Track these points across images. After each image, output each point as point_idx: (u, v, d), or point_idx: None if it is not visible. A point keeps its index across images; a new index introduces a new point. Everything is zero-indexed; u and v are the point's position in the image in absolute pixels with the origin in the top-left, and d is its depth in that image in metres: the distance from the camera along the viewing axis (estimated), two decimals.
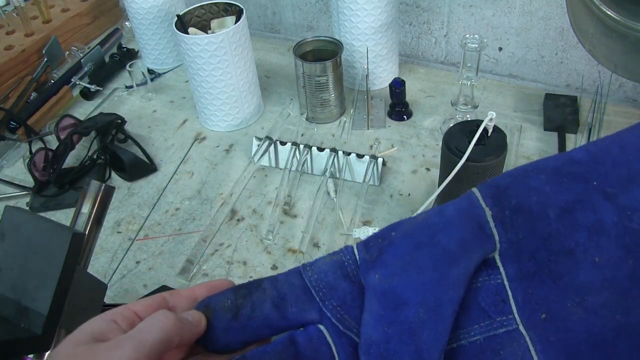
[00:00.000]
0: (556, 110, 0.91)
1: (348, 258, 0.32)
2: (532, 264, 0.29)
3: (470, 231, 0.30)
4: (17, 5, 1.09)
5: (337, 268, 0.32)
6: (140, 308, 0.33)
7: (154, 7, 1.04)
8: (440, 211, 0.31)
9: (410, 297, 0.30)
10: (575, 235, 0.29)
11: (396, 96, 0.92)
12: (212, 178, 0.88)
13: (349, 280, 0.32)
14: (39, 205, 0.85)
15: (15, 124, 0.97)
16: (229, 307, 0.33)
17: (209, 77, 0.89)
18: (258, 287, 0.33)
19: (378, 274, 0.31)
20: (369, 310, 0.31)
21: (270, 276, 0.34)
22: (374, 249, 0.32)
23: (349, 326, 0.32)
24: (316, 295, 0.32)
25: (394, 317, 0.30)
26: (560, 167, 0.30)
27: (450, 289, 0.30)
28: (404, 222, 0.32)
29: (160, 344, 0.30)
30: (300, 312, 0.32)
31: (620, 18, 0.68)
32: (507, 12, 0.96)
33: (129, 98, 1.07)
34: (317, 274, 0.33)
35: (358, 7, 0.90)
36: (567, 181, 0.29)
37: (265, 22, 1.21)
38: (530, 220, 0.30)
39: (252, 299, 0.33)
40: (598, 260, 0.28)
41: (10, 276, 0.44)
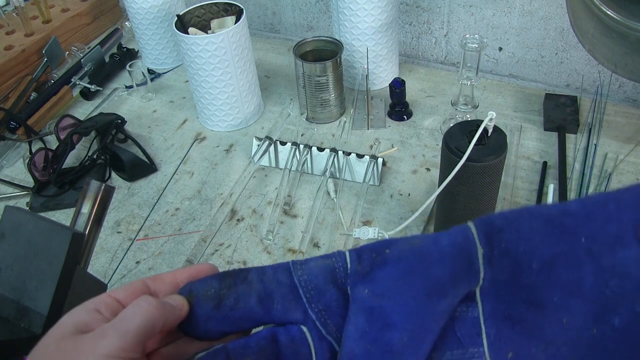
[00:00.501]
0: (556, 110, 0.91)
1: (340, 265, 0.32)
2: (507, 307, 0.31)
3: (461, 266, 0.31)
4: (17, 5, 1.09)
5: (327, 272, 0.32)
6: (122, 295, 0.32)
7: (154, 7, 1.04)
8: (436, 241, 0.32)
9: (398, 321, 0.30)
10: (550, 293, 0.30)
11: (396, 96, 0.92)
12: (212, 178, 0.88)
13: (337, 286, 0.32)
14: (39, 205, 0.85)
15: (15, 124, 0.97)
16: (212, 295, 0.32)
17: (209, 77, 0.89)
18: (244, 280, 0.33)
19: (367, 289, 0.31)
20: (353, 323, 0.31)
21: (258, 268, 0.33)
22: (366, 262, 0.32)
23: (330, 332, 0.32)
24: (303, 296, 0.32)
25: (378, 337, 0.30)
26: (553, 217, 0.30)
27: (436, 319, 0.31)
28: (398, 241, 0.32)
29: (145, 331, 0.30)
30: (285, 310, 0.32)
31: (620, 18, 0.68)
32: (507, 12, 0.96)
33: (129, 98, 1.07)
34: (307, 275, 0.32)
35: (358, 7, 0.90)
36: (557, 233, 0.30)
37: (265, 22, 1.21)
38: (515, 266, 0.31)
39: (237, 290, 0.32)
40: (565, 322, 0.30)
41: (10, 276, 0.44)
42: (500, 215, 0.32)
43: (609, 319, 0.29)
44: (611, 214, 0.30)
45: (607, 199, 0.30)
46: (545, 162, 0.83)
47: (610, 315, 0.29)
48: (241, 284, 0.32)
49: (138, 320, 0.30)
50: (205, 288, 0.33)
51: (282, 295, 0.32)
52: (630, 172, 0.81)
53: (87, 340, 0.29)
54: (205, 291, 0.33)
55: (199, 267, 0.35)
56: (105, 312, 0.31)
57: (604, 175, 0.80)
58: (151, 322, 0.30)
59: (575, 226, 0.30)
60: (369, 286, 0.31)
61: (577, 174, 0.81)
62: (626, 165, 0.82)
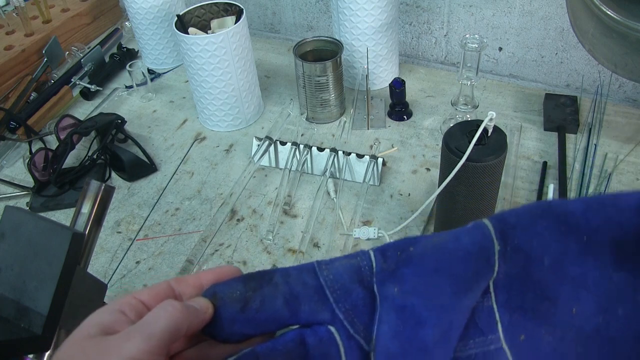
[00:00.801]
0: (556, 110, 0.91)
1: (365, 264, 0.33)
2: (519, 299, 0.32)
3: (482, 263, 0.32)
4: (17, 5, 1.09)
5: (353, 272, 0.33)
6: (146, 297, 0.32)
7: (154, 7, 1.04)
8: (457, 238, 0.33)
9: (429, 318, 0.31)
10: (560, 286, 0.32)
11: (396, 96, 0.92)
12: (212, 178, 0.88)
13: (363, 285, 0.32)
14: (39, 205, 0.85)
15: (15, 124, 0.97)
16: (237, 298, 0.32)
17: (209, 77, 0.89)
18: (270, 281, 0.33)
19: (397, 287, 0.31)
20: (386, 322, 0.31)
21: (282, 269, 0.33)
22: (391, 260, 0.32)
23: (358, 331, 0.32)
24: (330, 296, 0.32)
25: (412, 334, 0.31)
26: (561, 216, 0.32)
27: (463, 314, 0.32)
28: (421, 239, 0.33)
29: (169, 334, 0.30)
30: (312, 311, 0.32)
31: (620, 18, 0.68)
32: (507, 12, 0.96)
33: (129, 98, 1.07)
34: (333, 275, 0.33)
35: (358, 7, 0.90)
36: (564, 232, 0.32)
37: (265, 22, 1.21)
38: (527, 261, 0.32)
39: (262, 292, 0.32)
40: (574, 311, 0.31)
41: (10, 276, 0.44)
42: (513, 212, 0.33)
43: (614, 309, 0.31)
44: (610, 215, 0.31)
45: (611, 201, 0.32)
46: (545, 162, 0.83)
47: (615, 306, 0.31)
48: (267, 286, 0.32)
49: (163, 323, 0.30)
50: (230, 290, 0.33)
51: (309, 296, 0.32)
52: (630, 172, 0.81)
53: (111, 342, 0.29)
54: (230, 293, 0.33)
55: (223, 269, 0.35)
56: (130, 314, 0.31)
57: (604, 175, 0.80)
58: (176, 325, 0.30)
59: (578, 224, 0.31)
60: (397, 284, 0.31)
61: (577, 174, 0.81)
62: (626, 165, 0.82)
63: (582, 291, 0.32)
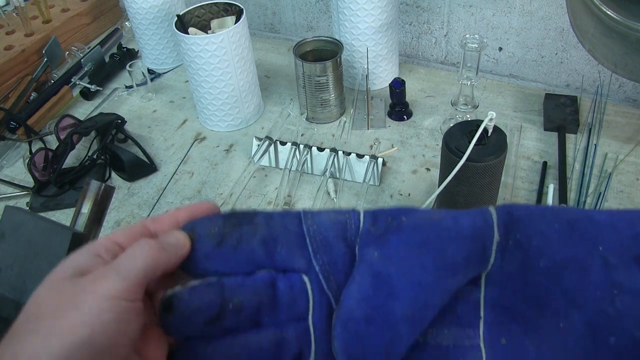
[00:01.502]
0: (556, 110, 0.91)
1: (352, 222, 0.31)
2: (509, 299, 0.31)
3: (476, 251, 0.31)
4: (17, 5, 1.09)
5: (339, 227, 0.31)
6: (122, 238, 0.32)
7: (154, 7, 1.04)
8: (456, 219, 0.31)
9: (404, 291, 0.30)
10: (552, 296, 0.30)
11: (396, 96, 0.92)
12: (212, 178, 0.88)
13: (345, 243, 0.31)
14: (39, 205, 0.85)
15: (15, 124, 0.97)
16: (215, 233, 0.31)
17: (209, 77, 0.89)
18: (251, 221, 0.32)
19: (377, 252, 0.30)
20: (358, 284, 0.30)
21: (266, 212, 0.32)
22: (380, 225, 0.31)
23: (331, 287, 0.31)
24: (310, 245, 0.31)
25: (381, 304, 0.30)
26: (576, 221, 0.30)
27: (440, 297, 0.30)
28: (417, 211, 0.32)
29: (145, 272, 0.29)
30: (289, 257, 0.31)
31: (620, 18, 0.68)
32: (507, 12, 0.96)
33: (129, 98, 1.07)
34: (317, 225, 0.31)
35: (358, 7, 0.90)
36: (576, 237, 0.30)
37: (265, 22, 1.21)
38: (524, 261, 0.30)
39: (241, 230, 0.31)
40: (562, 327, 0.30)
41: (10, 276, 0.44)
42: (523, 207, 0.31)
43: (606, 336, 0.29)
44: (638, 232, 0.29)
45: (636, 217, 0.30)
46: (545, 162, 0.83)
47: (608, 334, 0.29)
48: (246, 225, 0.31)
49: (139, 261, 0.30)
50: (209, 226, 0.32)
51: (288, 240, 0.31)
52: (630, 172, 0.81)
53: (87, 281, 0.29)
54: (208, 229, 0.32)
55: (201, 205, 0.34)
56: (106, 256, 0.31)
57: (604, 175, 0.80)
58: (152, 263, 0.30)
59: (597, 234, 0.29)
60: (379, 250, 0.30)
61: (577, 174, 0.81)
62: (626, 165, 0.82)
63: (574, 310, 0.29)
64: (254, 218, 0.32)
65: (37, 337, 0.27)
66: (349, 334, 0.30)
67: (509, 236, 0.30)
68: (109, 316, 0.28)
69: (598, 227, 0.29)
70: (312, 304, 0.31)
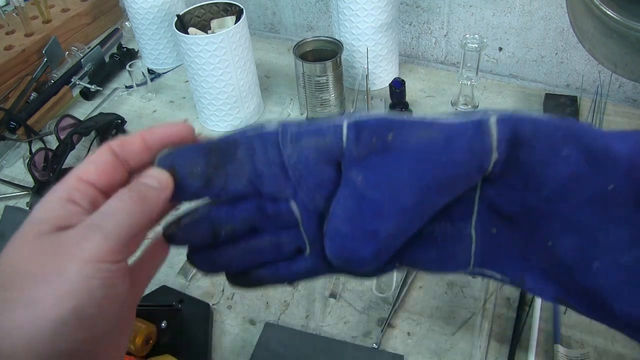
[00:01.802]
0: (556, 110, 0.91)
1: (335, 143, 0.30)
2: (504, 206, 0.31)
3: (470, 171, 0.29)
4: (17, 5, 1.09)
5: (320, 152, 0.30)
6: (94, 176, 0.29)
7: (154, 7, 1.04)
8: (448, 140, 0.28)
9: (389, 215, 0.29)
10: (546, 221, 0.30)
11: (396, 96, 0.92)
12: None
13: (330, 164, 0.30)
14: None
15: (15, 124, 0.97)
16: (198, 174, 0.30)
17: (209, 77, 0.89)
18: (233, 158, 0.31)
19: (361, 176, 0.29)
20: (342, 206, 0.30)
21: (245, 142, 0.31)
22: (363, 145, 0.29)
23: (318, 206, 0.31)
24: (292, 177, 0.31)
25: (366, 223, 0.30)
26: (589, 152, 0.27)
27: (428, 213, 0.30)
28: (405, 125, 0.29)
29: (130, 229, 0.28)
30: (275, 189, 0.31)
31: (620, 18, 0.68)
32: (507, 12, 0.96)
33: (129, 98, 1.07)
34: (297, 155, 0.30)
35: (358, 7, 0.90)
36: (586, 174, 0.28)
37: (265, 22, 1.21)
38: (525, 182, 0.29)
39: (226, 170, 0.30)
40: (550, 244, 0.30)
41: None
42: (529, 123, 0.28)
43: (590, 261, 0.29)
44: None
45: None
46: None
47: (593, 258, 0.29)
48: (230, 164, 0.31)
49: (122, 217, 0.27)
50: (191, 165, 0.31)
51: (273, 175, 0.31)
52: None
53: (70, 240, 0.26)
54: (190, 167, 0.30)
55: (174, 127, 0.32)
56: (83, 202, 0.28)
57: None
58: (137, 217, 0.28)
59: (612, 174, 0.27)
60: (363, 173, 0.29)
61: None
62: None
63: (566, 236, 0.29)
64: (236, 152, 0.31)
65: (19, 308, 0.25)
66: (338, 247, 0.31)
67: (511, 155, 0.28)
68: (95, 282, 0.26)
69: (615, 165, 0.27)
70: (301, 220, 0.32)
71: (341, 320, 0.66)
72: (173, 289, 0.70)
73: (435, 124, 0.29)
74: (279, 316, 0.67)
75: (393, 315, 0.66)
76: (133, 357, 0.59)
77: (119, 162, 0.30)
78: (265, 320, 0.66)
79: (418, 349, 0.63)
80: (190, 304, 0.68)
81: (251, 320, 0.68)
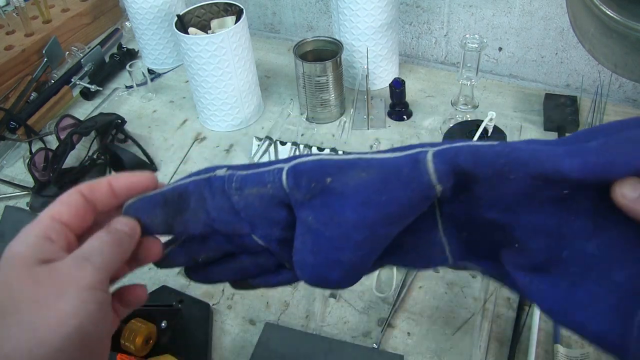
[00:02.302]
0: (556, 110, 0.91)
1: (276, 189, 0.31)
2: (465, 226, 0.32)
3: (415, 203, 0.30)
4: (17, 5, 1.09)
5: (264, 199, 0.32)
6: (66, 217, 0.33)
7: (154, 7, 1.04)
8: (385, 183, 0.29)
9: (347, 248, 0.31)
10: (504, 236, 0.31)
11: (396, 96, 0.92)
12: None
13: (278, 206, 0.32)
14: (39, 205, 0.85)
15: (15, 124, 0.97)
16: (159, 223, 0.34)
17: (209, 77, 0.89)
18: (187, 207, 0.33)
19: (311, 215, 0.31)
20: (302, 240, 0.32)
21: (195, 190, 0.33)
22: (304, 191, 0.31)
23: (281, 236, 0.33)
24: (245, 219, 0.33)
25: (328, 256, 0.31)
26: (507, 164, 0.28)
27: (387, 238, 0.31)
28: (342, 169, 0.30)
29: (112, 265, 0.31)
30: (232, 230, 0.34)
31: (620, 18, 0.68)
32: (507, 12, 0.96)
33: (129, 98, 1.07)
34: (244, 202, 0.32)
35: (358, 7, 0.90)
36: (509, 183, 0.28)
37: (265, 22, 1.21)
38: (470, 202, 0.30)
39: (183, 219, 0.33)
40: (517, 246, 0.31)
41: None
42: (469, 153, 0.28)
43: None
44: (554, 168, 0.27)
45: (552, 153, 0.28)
46: None
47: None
48: (185, 212, 0.33)
49: (106, 255, 0.31)
50: (151, 215, 0.34)
51: (226, 219, 0.33)
52: None
53: (63, 271, 0.30)
54: (151, 218, 0.34)
55: (136, 178, 0.35)
56: (58, 240, 0.32)
57: None
58: (115, 256, 0.32)
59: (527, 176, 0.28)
60: (312, 213, 0.31)
61: None
62: None
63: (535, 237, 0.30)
64: (189, 202, 0.33)
65: (21, 332, 0.27)
66: (308, 274, 0.33)
67: (457, 182, 0.29)
68: (92, 306, 0.29)
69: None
70: (270, 247, 0.34)
71: (341, 320, 0.66)
72: (173, 289, 0.70)
73: (371, 164, 0.30)
74: (279, 316, 0.67)
75: (393, 315, 0.66)
76: (133, 357, 0.59)
77: (88, 204, 0.34)
78: (265, 320, 0.66)
79: (418, 349, 0.63)
80: (190, 304, 0.68)
81: (251, 320, 0.68)
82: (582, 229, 0.28)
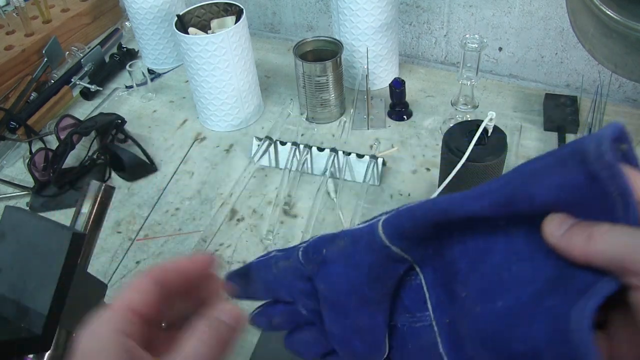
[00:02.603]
0: (556, 110, 0.91)
1: (298, 264, 0.37)
2: (443, 278, 0.33)
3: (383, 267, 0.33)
4: (17, 5, 1.09)
5: (290, 272, 0.37)
6: (142, 307, 0.30)
7: (154, 7, 1.04)
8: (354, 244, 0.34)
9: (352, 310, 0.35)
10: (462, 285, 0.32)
11: (396, 96, 0.92)
12: (212, 178, 0.88)
13: (303, 279, 0.37)
14: (39, 205, 0.85)
15: (15, 124, 0.97)
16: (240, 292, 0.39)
17: (209, 77, 0.89)
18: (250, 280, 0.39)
19: (322, 285, 0.35)
20: (323, 312, 0.36)
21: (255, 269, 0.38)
22: (309, 262, 0.36)
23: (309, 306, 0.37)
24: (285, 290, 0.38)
25: (346, 322, 0.35)
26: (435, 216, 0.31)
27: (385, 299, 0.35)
28: (333, 239, 0.35)
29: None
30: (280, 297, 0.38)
31: (620, 18, 0.68)
32: (507, 12, 0.96)
33: (129, 98, 1.07)
34: (279, 272, 0.38)
35: (358, 7, 0.90)
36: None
37: (265, 22, 1.21)
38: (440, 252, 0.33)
39: (252, 288, 0.39)
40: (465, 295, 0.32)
41: (10, 276, 0.44)
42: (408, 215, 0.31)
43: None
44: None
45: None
46: None
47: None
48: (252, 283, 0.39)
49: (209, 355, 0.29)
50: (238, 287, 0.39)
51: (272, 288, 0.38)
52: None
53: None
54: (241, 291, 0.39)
55: (200, 259, 0.34)
56: (136, 336, 0.29)
57: None
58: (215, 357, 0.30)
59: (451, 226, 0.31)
60: (320, 283, 0.35)
61: None
62: None
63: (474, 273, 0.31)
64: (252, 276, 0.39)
65: None
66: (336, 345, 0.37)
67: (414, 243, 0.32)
68: None
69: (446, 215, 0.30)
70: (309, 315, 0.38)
71: None
72: None
73: (347, 234, 0.35)
74: None
75: None
76: None
77: (160, 291, 0.32)
78: None
79: None
80: None
81: None
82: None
